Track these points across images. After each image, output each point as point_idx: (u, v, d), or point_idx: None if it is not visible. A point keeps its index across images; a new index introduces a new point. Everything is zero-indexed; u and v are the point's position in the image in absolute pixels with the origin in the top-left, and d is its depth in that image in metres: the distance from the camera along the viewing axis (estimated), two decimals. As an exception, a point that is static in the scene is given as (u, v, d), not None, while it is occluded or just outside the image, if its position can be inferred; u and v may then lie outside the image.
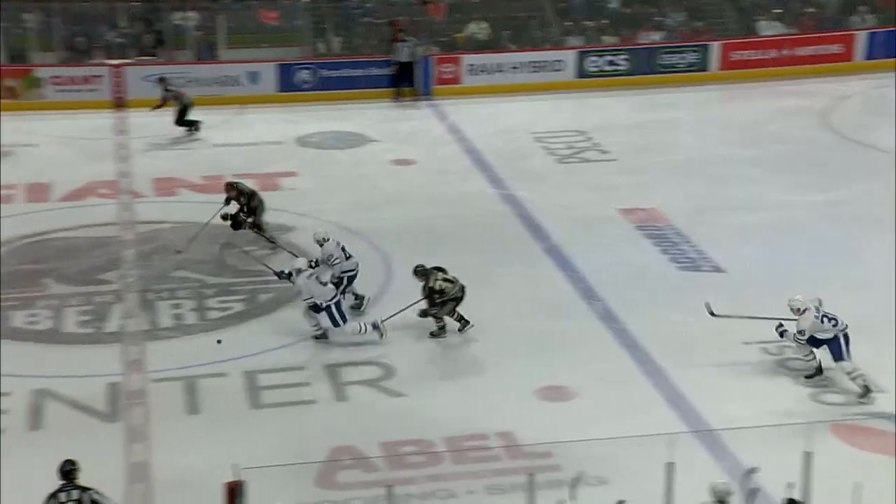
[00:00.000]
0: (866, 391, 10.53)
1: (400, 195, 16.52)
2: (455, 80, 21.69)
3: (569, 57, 22.25)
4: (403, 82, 21.09)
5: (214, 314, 12.53)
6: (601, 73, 22.26)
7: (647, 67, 22.35)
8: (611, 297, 12.85)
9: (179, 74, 20.22)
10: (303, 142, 18.94)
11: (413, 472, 9.56)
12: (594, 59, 22.31)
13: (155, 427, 10.28)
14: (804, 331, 10.66)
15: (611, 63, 22.30)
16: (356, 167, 17.88)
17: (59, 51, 21.22)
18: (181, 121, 18.33)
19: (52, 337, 11.98)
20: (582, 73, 22.24)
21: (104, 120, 19.29)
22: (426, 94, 21.38)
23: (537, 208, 15.81)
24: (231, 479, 7.73)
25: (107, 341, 11.83)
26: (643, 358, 11.48)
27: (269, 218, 14.47)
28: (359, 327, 11.78)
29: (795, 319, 10.70)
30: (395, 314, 11.87)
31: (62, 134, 18.48)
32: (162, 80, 18.48)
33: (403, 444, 9.97)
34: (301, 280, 11.62)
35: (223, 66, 21.06)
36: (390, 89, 21.08)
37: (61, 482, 7.96)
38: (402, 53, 21.01)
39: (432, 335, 11.86)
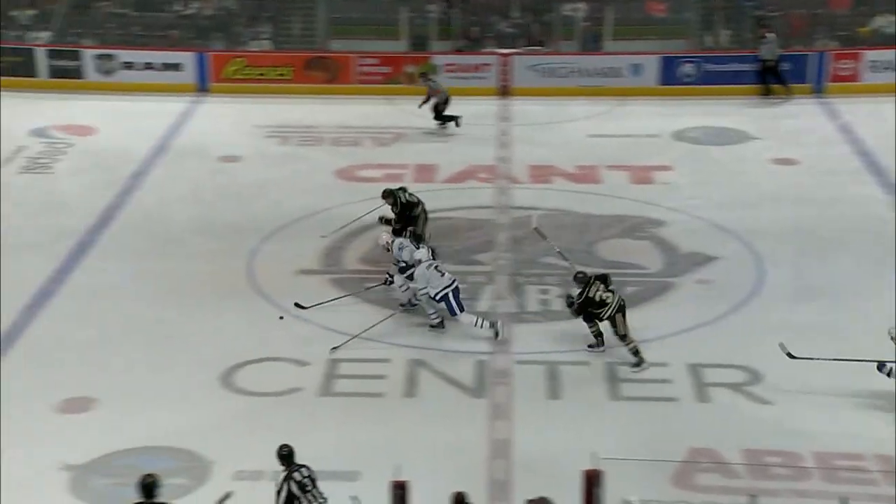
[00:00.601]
0: None
1: (779, 195, 15.78)
2: (853, 78, 20.38)
3: None
4: (769, 79, 20.11)
5: (581, 302, 12.65)
6: None
7: None
8: None
9: (564, 65, 20.73)
10: (679, 136, 18.61)
11: (777, 485, 9.14)
12: None
13: (517, 407, 10.55)
14: None
15: None
16: (733, 164, 17.30)
17: (456, 40, 22.37)
18: (438, 115, 18.59)
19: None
20: None
21: (488, 106, 20.03)
22: (818, 91, 20.29)
23: (937, 218, 14.53)
24: (590, 467, 7.77)
25: (478, 320, 12.27)
26: None
27: (634, 211, 14.26)
28: (474, 320, 11.67)
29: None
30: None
31: (449, 119, 19.40)
32: (423, 74, 18.99)
33: (768, 454, 9.55)
34: (420, 270, 11.61)
35: (607, 58, 21.14)
36: (757, 86, 20.18)
37: (282, 465, 8.04)
38: (764, 51, 20.07)
39: (590, 347, 11.44)
